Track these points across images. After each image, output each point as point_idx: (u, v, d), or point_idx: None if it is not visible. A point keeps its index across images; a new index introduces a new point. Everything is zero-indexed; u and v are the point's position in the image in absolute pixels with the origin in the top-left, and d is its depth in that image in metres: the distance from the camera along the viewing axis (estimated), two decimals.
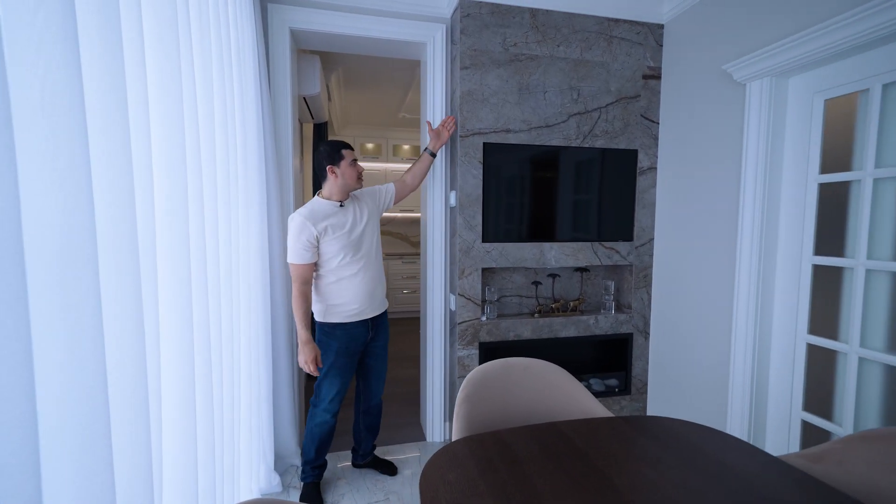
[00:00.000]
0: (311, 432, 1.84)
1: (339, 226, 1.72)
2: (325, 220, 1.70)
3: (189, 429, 1.00)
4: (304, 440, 1.87)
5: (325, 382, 1.80)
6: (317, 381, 1.83)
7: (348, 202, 1.81)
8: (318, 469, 1.89)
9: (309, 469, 1.87)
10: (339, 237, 1.72)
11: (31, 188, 0.51)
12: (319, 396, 1.81)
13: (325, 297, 1.77)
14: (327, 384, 1.80)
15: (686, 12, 2.12)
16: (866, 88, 1.46)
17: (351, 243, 1.75)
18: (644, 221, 2.35)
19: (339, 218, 1.74)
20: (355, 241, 1.76)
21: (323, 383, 1.80)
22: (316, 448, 1.84)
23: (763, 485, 0.87)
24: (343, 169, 1.74)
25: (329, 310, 1.77)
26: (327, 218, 1.71)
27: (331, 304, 1.77)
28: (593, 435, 1.07)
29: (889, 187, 1.44)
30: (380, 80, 3.48)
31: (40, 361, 0.51)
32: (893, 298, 1.44)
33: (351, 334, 1.79)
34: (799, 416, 1.71)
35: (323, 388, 1.80)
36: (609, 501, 0.82)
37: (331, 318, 1.77)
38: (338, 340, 1.77)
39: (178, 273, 0.94)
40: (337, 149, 1.75)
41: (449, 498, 0.84)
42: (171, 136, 0.91)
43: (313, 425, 1.83)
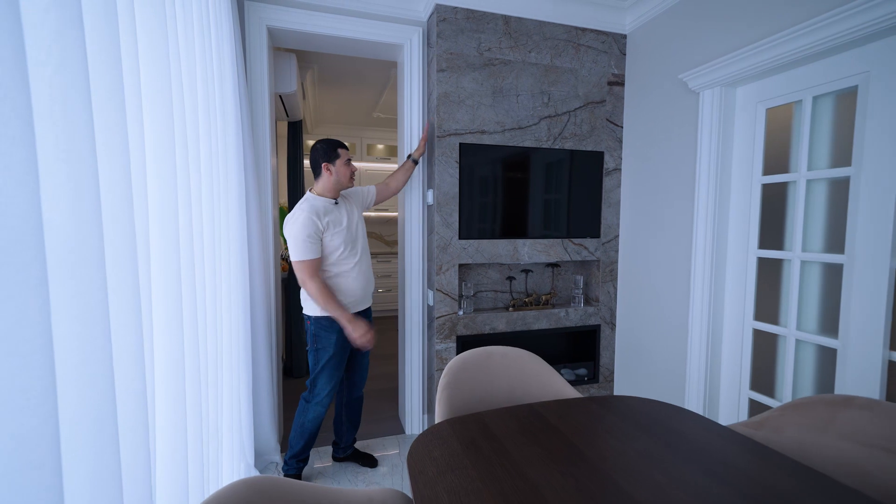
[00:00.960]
0: (302, 427, 1.87)
1: (337, 222, 1.80)
2: (327, 216, 1.77)
3: (180, 424, 1.02)
4: (293, 435, 1.89)
5: (323, 376, 1.84)
6: (312, 376, 1.86)
7: (340, 200, 1.88)
8: (303, 462, 1.93)
9: (294, 462, 1.90)
10: (339, 232, 1.79)
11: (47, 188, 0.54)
12: (314, 391, 1.85)
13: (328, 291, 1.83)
14: (324, 378, 1.83)
15: (647, 24, 2.28)
16: (800, 100, 1.64)
17: (349, 238, 1.83)
18: (610, 219, 2.50)
19: (336, 214, 1.81)
20: (353, 236, 1.85)
21: (319, 378, 1.84)
22: (305, 442, 1.88)
23: (713, 449, 0.99)
24: (338, 167, 1.81)
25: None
26: (328, 213, 1.78)
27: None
28: (565, 413, 1.17)
29: (819, 188, 1.62)
30: (355, 80, 3.49)
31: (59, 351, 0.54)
32: (824, 286, 1.62)
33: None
34: (747, 395, 1.89)
35: (319, 382, 1.84)
36: (579, 468, 0.91)
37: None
38: (336, 333, 1.82)
39: (169, 271, 0.96)
40: (333, 147, 1.83)
41: (435, 471, 0.91)
42: (162, 135, 0.93)
43: (306, 420, 1.86)
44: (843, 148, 1.52)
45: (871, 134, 1.41)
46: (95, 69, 0.65)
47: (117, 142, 0.71)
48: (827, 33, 1.44)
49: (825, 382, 1.62)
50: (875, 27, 1.33)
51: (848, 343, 1.49)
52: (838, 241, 1.54)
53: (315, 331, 1.83)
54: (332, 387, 1.85)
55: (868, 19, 1.34)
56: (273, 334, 2.19)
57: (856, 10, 1.36)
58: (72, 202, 0.57)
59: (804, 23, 1.49)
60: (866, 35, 1.37)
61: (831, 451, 1.03)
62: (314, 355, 1.85)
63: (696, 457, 0.95)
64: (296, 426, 1.89)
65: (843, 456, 1.01)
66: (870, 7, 1.33)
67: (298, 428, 1.88)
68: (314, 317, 1.83)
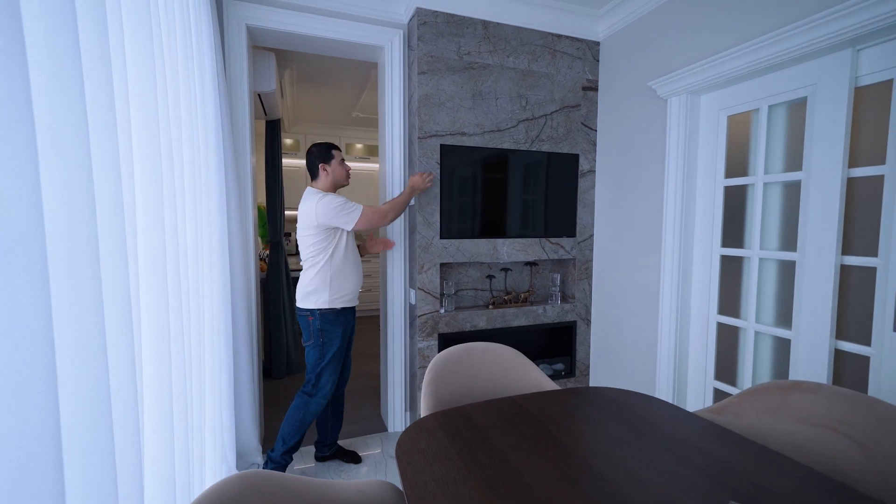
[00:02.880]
0: (301, 421, 1.89)
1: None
2: None
3: (167, 427, 1.03)
4: (289, 430, 1.89)
5: (328, 370, 1.88)
6: (316, 370, 1.88)
7: None
8: (291, 458, 1.96)
9: (287, 458, 1.93)
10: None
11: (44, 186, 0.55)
12: (319, 385, 1.88)
13: (334, 282, 1.91)
14: (329, 371, 1.88)
15: (618, 32, 2.38)
16: (757, 108, 1.76)
17: (353, 235, 1.99)
18: (585, 219, 2.59)
19: None
20: (353, 235, 2.01)
21: (325, 371, 1.88)
22: (300, 436, 1.91)
23: (679, 433, 1.07)
24: (333, 167, 1.96)
25: (337, 294, 1.90)
26: None
27: (338, 287, 1.91)
28: (544, 404, 1.23)
29: (775, 190, 1.75)
30: (334, 79, 3.48)
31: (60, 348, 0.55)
32: (779, 281, 1.75)
33: (348, 320, 1.97)
34: (712, 385, 2.01)
35: (324, 376, 1.88)
36: (557, 453, 0.97)
37: (338, 303, 1.91)
38: (342, 326, 1.91)
39: (155, 272, 0.96)
40: (328, 149, 1.97)
41: (423, 462, 0.95)
42: (148, 134, 0.94)
43: (307, 414, 1.88)
44: (795, 153, 1.65)
45: (819, 141, 1.54)
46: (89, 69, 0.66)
47: (108, 142, 0.72)
48: (780, 48, 1.56)
49: (781, 370, 1.76)
50: (820, 44, 1.45)
51: (800, 333, 1.62)
52: (791, 240, 1.66)
53: (321, 325, 1.88)
54: (335, 380, 1.92)
55: (814, 36, 1.46)
56: (254, 336, 2.18)
57: (804, 27, 1.48)
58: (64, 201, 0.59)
59: (760, 37, 1.61)
60: (814, 51, 1.49)
61: (783, 432, 1.13)
62: (319, 350, 1.88)
63: (663, 441, 1.03)
64: (294, 420, 1.90)
65: (793, 435, 1.12)
66: (816, 26, 1.45)
67: (296, 422, 1.89)
68: (319, 311, 1.88)
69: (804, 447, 1.09)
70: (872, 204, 1.44)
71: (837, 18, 1.41)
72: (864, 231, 1.48)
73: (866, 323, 1.47)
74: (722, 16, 1.81)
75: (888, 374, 1.41)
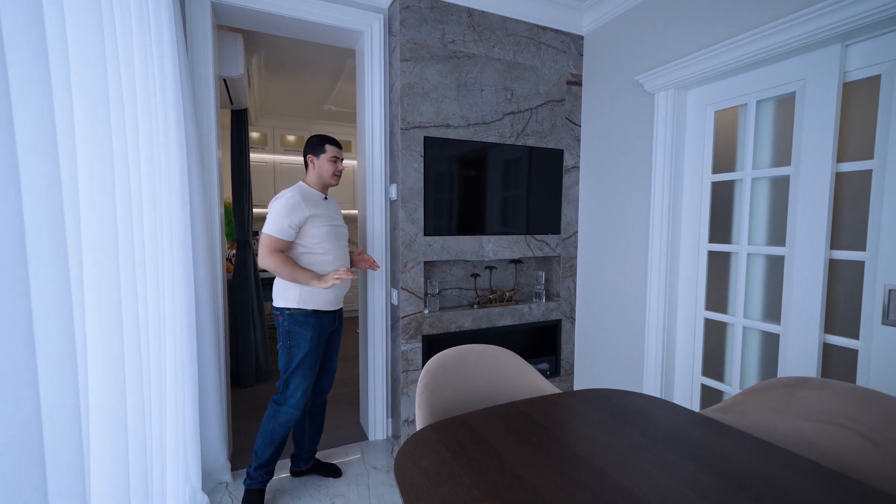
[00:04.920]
0: (272, 432, 1.73)
1: (324, 216, 1.76)
2: (315, 207, 1.74)
3: (120, 446, 0.87)
4: (259, 442, 1.74)
5: (296, 376, 1.71)
6: (284, 376, 1.72)
7: (330, 199, 1.86)
8: (268, 475, 1.79)
9: (260, 475, 1.76)
10: (324, 225, 1.75)
11: None
12: (287, 393, 1.72)
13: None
14: (298, 378, 1.71)
15: (603, 26, 2.35)
16: (745, 103, 1.76)
17: (334, 233, 1.79)
18: (570, 216, 2.56)
19: (324, 209, 1.78)
20: (337, 233, 1.81)
21: (293, 378, 1.71)
22: (273, 450, 1.74)
23: (693, 435, 1.02)
24: (321, 162, 1.79)
25: (307, 295, 1.72)
26: (317, 205, 1.75)
27: (309, 289, 1.72)
28: (549, 409, 1.15)
29: (763, 185, 1.76)
30: (306, 68, 3.30)
31: None
32: (767, 276, 1.76)
33: (322, 322, 1.77)
34: (699, 381, 2.01)
35: (292, 382, 1.72)
36: (572, 464, 0.89)
37: (308, 304, 1.72)
38: (312, 329, 1.72)
39: (105, 273, 0.81)
40: (322, 142, 1.79)
41: (427, 482, 0.84)
42: (95, 118, 0.78)
43: (276, 424, 1.72)
44: (784, 148, 1.66)
45: (808, 136, 1.54)
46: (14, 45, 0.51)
47: (40, 128, 0.57)
48: (768, 43, 1.56)
49: (769, 365, 1.76)
50: (809, 39, 1.45)
51: (789, 328, 1.63)
52: (780, 235, 1.67)
53: (288, 326, 1.71)
54: (307, 388, 1.74)
55: (803, 31, 1.46)
56: (221, 341, 1.99)
57: (793, 22, 1.47)
58: None
59: (748, 32, 1.60)
60: (803, 46, 1.49)
61: (791, 429, 1.10)
62: (287, 353, 1.72)
63: (680, 445, 0.97)
64: (264, 432, 1.74)
65: (803, 433, 1.09)
66: (805, 21, 1.45)
67: (267, 434, 1.73)
68: (287, 310, 1.71)
69: (813, 444, 1.06)
70: (860, 198, 1.46)
71: (827, 13, 1.41)
72: (852, 225, 1.49)
73: (855, 316, 1.48)
74: (710, 10, 1.80)
75: (876, 367, 1.43)
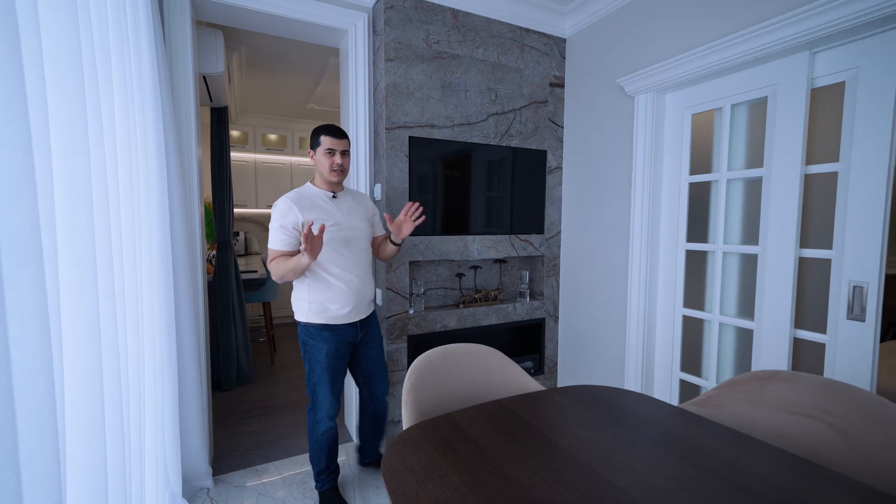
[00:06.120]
0: (317, 443, 1.73)
1: (327, 217, 1.60)
2: (314, 208, 1.59)
3: (96, 453, 0.85)
4: (311, 454, 1.76)
5: (320, 388, 1.68)
6: (309, 388, 1.71)
7: (343, 196, 1.70)
8: (334, 474, 1.80)
9: (325, 476, 1.78)
10: (327, 227, 1.58)
11: None
12: (316, 405, 1.71)
13: (313, 294, 1.63)
14: (323, 390, 1.68)
15: (585, 30, 2.39)
16: (720, 107, 1.82)
17: (340, 238, 1.62)
18: (553, 216, 2.59)
19: (329, 209, 1.62)
20: (345, 238, 1.64)
21: (318, 390, 1.69)
22: (326, 456, 1.75)
23: (673, 429, 1.05)
24: (318, 156, 1.62)
25: (315, 309, 1.62)
26: (316, 206, 1.60)
27: (317, 302, 1.62)
28: (534, 407, 1.17)
29: (737, 186, 1.82)
30: (288, 66, 3.25)
31: None
32: (742, 274, 1.83)
33: (339, 336, 1.68)
34: (678, 376, 2.06)
35: (318, 394, 1.69)
36: (559, 461, 0.91)
37: (318, 318, 1.63)
38: (326, 343, 1.64)
39: (82, 275, 0.79)
40: (318, 133, 1.61)
41: (414, 482, 0.85)
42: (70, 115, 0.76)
43: (318, 435, 1.71)
44: (757, 151, 1.72)
45: (779, 139, 1.61)
46: None
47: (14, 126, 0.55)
48: (741, 49, 1.62)
49: (744, 360, 1.83)
50: (780, 46, 1.51)
51: (762, 324, 1.69)
52: (753, 234, 1.73)
53: (303, 338, 1.68)
54: (333, 400, 1.70)
55: (774, 39, 1.52)
56: (202, 344, 1.95)
57: (764, 30, 1.53)
58: None
59: (722, 38, 1.66)
60: (773, 52, 1.55)
61: (765, 421, 1.15)
62: (308, 364, 1.70)
63: (662, 439, 1.00)
64: (311, 443, 1.75)
65: (775, 424, 1.13)
66: (775, 28, 1.51)
67: (314, 445, 1.74)
68: (302, 323, 1.68)
69: (787, 435, 1.11)
70: (827, 199, 1.53)
71: (796, 22, 1.47)
72: (819, 225, 1.56)
73: (822, 312, 1.55)
74: (688, 16, 1.85)
75: (842, 360, 1.50)
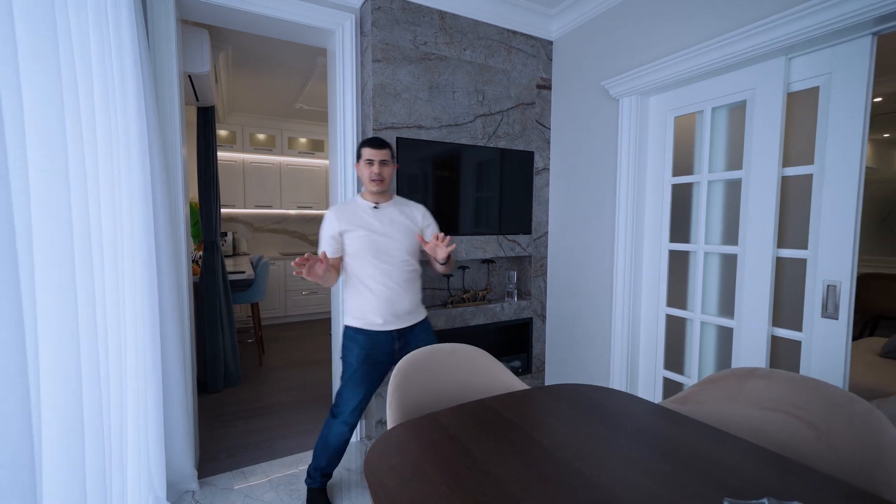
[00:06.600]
0: (325, 440, 1.74)
1: (364, 226, 1.65)
2: (353, 220, 1.66)
3: (74, 457, 0.84)
4: (317, 446, 1.77)
5: (346, 390, 1.70)
6: (339, 388, 1.73)
7: (386, 207, 1.71)
8: (326, 477, 1.81)
9: (318, 475, 1.79)
10: (360, 237, 1.64)
11: None
12: (339, 406, 1.72)
13: (351, 298, 1.71)
14: (348, 392, 1.70)
15: (571, 32, 2.42)
16: (702, 110, 1.86)
17: (374, 247, 1.65)
18: (540, 216, 2.62)
19: (366, 220, 1.67)
20: (379, 247, 1.65)
21: (344, 391, 1.71)
22: (329, 456, 1.75)
23: (652, 425, 1.07)
24: (360, 167, 1.69)
25: (354, 314, 1.70)
26: (356, 216, 1.67)
27: (354, 306, 1.70)
28: (517, 405, 1.19)
29: (718, 188, 1.86)
30: (276, 66, 3.23)
31: None
32: (722, 273, 1.87)
33: (374, 342, 1.68)
34: (661, 374, 2.10)
35: (343, 395, 1.71)
36: (540, 458, 0.92)
37: (355, 322, 1.70)
38: (359, 347, 1.68)
39: (61, 276, 0.78)
40: (360, 146, 1.69)
41: (396, 481, 0.86)
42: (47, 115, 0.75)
43: (330, 434, 1.73)
44: (736, 153, 1.76)
45: (757, 142, 1.65)
46: None
47: None
48: (721, 53, 1.65)
49: (724, 357, 1.87)
50: (758, 51, 1.55)
51: (741, 322, 1.73)
52: (733, 235, 1.77)
53: (343, 339, 1.73)
54: (358, 404, 1.69)
55: (752, 44, 1.56)
56: (187, 346, 1.93)
57: (743, 35, 1.57)
58: None
59: (703, 43, 1.69)
60: (752, 57, 1.59)
61: (743, 417, 1.18)
62: (342, 364, 1.74)
63: (640, 435, 1.02)
64: (321, 438, 1.76)
65: (751, 420, 1.16)
66: (753, 34, 1.55)
67: (322, 441, 1.75)
68: (344, 325, 1.73)
69: (761, 430, 1.14)
70: (803, 200, 1.57)
71: (772, 28, 1.51)
72: (795, 226, 1.61)
73: (798, 310, 1.60)
74: (671, 20, 1.89)
75: (817, 356, 1.54)
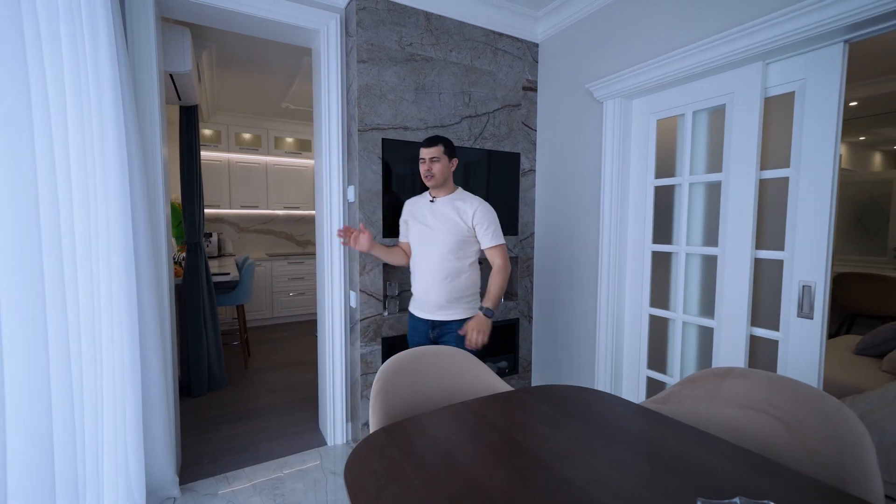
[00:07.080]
0: None
1: (419, 218, 1.83)
2: (415, 209, 1.86)
3: (45, 465, 0.82)
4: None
5: None
6: None
7: (441, 201, 1.80)
8: None
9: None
10: (414, 228, 1.84)
11: None
12: None
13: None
14: None
15: (556, 35, 2.44)
16: (683, 113, 1.89)
17: (421, 239, 1.81)
18: (526, 217, 2.63)
19: (419, 211, 1.84)
20: (425, 240, 1.80)
21: None
22: None
23: (632, 426, 1.09)
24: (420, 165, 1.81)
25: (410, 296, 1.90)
26: (417, 207, 1.85)
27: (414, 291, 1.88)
28: (500, 407, 1.19)
29: (699, 190, 1.89)
30: (261, 65, 3.19)
31: None
32: (703, 274, 1.90)
33: (416, 327, 1.86)
34: (645, 373, 2.13)
35: None
36: (519, 460, 0.93)
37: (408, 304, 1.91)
38: (409, 327, 1.90)
39: (29, 277, 0.76)
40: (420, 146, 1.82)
41: (376, 485, 0.85)
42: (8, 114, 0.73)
43: None
44: (716, 156, 1.79)
45: (736, 145, 1.68)
46: None
47: None
48: (701, 58, 1.68)
49: (705, 357, 1.90)
50: (736, 56, 1.59)
51: (721, 322, 1.76)
52: (714, 236, 1.80)
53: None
54: None
55: (730, 49, 1.59)
56: (168, 349, 1.90)
57: (722, 41, 1.60)
58: None
59: (685, 47, 1.72)
60: (731, 62, 1.62)
61: (720, 416, 1.20)
62: None
63: (620, 436, 1.03)
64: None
65: (729, 419, 1.19)
66: (732, 39, 1.58)
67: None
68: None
69: (739, 429, 1.16)
70: (780, 203, 1.60)
71: (750, 34, 1.54)
72: (773, 227, 1.64)
73: (775, 310, 1.63)
74: (653, 25, 1.91)
75: (793, 355, 1.58)
